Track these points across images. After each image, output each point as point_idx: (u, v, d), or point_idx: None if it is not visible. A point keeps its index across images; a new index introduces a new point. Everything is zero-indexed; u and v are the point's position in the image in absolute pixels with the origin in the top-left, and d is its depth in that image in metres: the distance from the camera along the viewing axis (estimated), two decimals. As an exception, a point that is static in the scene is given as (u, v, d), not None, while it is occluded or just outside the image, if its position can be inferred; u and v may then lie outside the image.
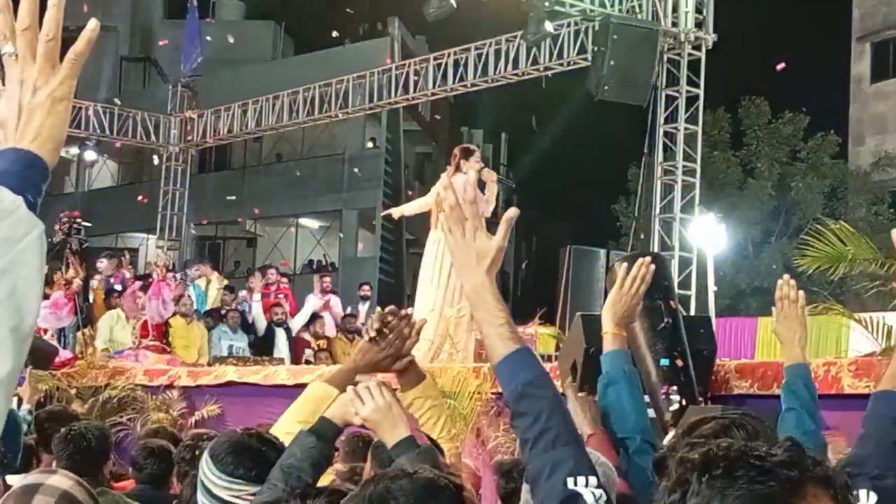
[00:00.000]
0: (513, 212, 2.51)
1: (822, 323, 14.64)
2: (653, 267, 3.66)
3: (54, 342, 14.07)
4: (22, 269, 1.42)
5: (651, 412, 6.33)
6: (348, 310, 17.34)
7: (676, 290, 9.58)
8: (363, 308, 17.93)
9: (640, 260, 3.68)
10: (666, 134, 17.40)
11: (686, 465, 1.46)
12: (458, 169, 10.93)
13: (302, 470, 2.84)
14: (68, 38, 1.62)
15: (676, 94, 17.31)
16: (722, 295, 22.42)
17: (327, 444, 2.94)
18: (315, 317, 16.12)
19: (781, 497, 1.38)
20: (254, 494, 3.11)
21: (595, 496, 2.15)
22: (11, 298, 1.39)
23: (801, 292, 3.80)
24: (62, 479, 2.77)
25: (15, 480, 2.91)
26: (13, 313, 1.39)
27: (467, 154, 11.12)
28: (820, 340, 14.84)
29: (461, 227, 2.47)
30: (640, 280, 3.58)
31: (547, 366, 8.28)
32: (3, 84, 1.62)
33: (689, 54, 17.23)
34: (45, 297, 14.70)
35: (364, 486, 2.31)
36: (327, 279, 18.33)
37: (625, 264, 3.68)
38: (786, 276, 3.84)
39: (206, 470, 3.20)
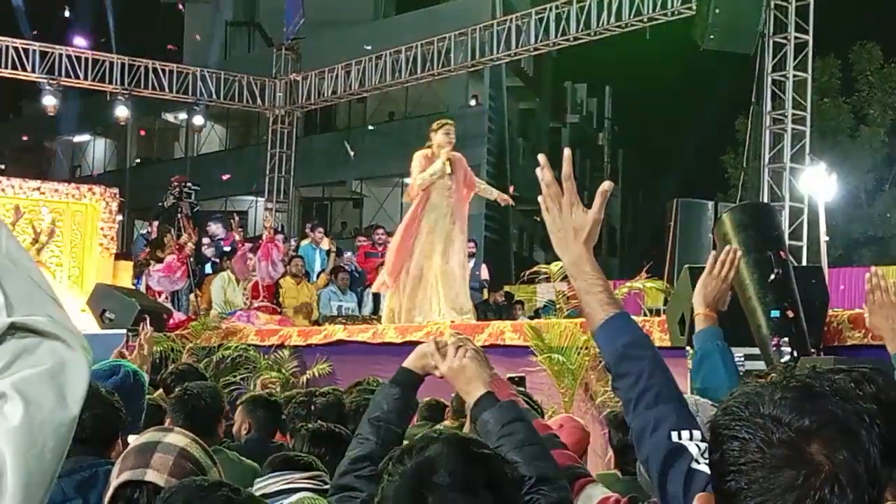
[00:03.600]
0: (607, 185, 2.54)
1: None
2: (740, 253, 3.63)
3: (168, 305, 14.40)
4: None
5: (762, 364, 6.27)
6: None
7: (787, 241, 9.44)
8: (469, 264, 17.98)
9: (727, 247, 3.65)
10: (774, 82, 17.04)
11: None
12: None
13: (391, 422, 2.91)
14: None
15: (784, 41, 16.92)
16: (834, 245, 22.03)
17: (410, 394, 3.02)
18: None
19: None
20: (304, 479, 3.30)
21: (700, 449, 2.15)
22: None
23: (892, 280, 3.75)
24: (179, 437, 2.83)
25: (133, 439, 2.99)
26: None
27: (437, 127, 11.40)
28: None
29: (558, 204, 2.52)
30: (729, 265, 3.56)
31: (656, 319, 8.25)
32: None
33: (798, -1, 16.84)
34: (159, 260, 15.06)
35: (397, 461, 2.16)
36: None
37: (713, 252, 3.66)
38: (873, 269, 3.79)
39: (256, 486, 3.49)
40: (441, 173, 11.24)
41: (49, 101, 21.85)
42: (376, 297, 15.21)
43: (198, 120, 24.80)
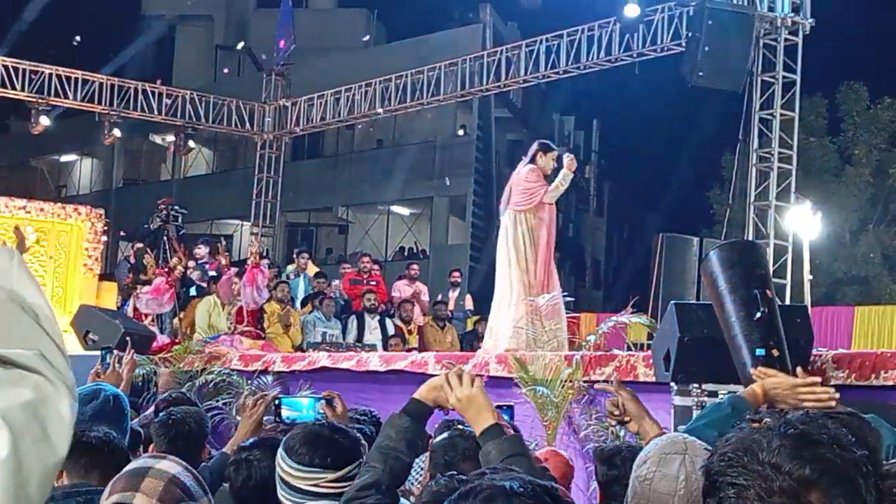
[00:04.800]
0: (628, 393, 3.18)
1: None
2: (834, 403, 3.34)
3: (154, 328, 14.35)
4: None
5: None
6: (439, 297, 17.39)
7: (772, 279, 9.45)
8: (453, 294, 17.98)
9: (831, 391, 3.41)
10: (761, 120, 17.16)
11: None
12: (532, 161, 11.00)
13: (399, 451, 2.93)
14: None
15: (772, 80, 17.05)
16: (818, 284, 22.09)
17: (420, 425, 3.03)
18: (404, 303, 16.21)
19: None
20: (332, 481, 3.22)
21: None
22: None
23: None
24: (172, 465, 2.84)
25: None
26: None
27: (546, 149, 11.16)
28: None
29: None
30: (815, 400, 3.31)
31: (640, 354, 8.25)
32: None
33: (786, 39, 16.95)
34: (146, 283, 15.00)
35: (461, 498, 2.03)
36: (415, 267, 18.37)
37: (804, 374, 3.43)
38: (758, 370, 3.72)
39: (283, 463, 3.32)
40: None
41: (39, 121, 21.80)
42: (361, 325, 15.19)
43: (190, 143, 24.76)
